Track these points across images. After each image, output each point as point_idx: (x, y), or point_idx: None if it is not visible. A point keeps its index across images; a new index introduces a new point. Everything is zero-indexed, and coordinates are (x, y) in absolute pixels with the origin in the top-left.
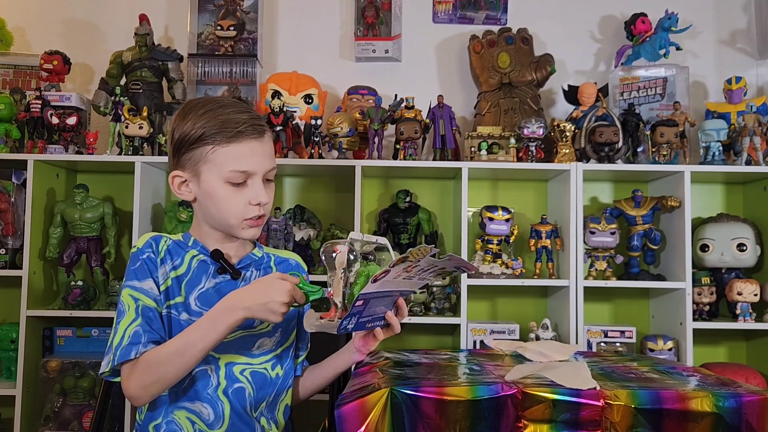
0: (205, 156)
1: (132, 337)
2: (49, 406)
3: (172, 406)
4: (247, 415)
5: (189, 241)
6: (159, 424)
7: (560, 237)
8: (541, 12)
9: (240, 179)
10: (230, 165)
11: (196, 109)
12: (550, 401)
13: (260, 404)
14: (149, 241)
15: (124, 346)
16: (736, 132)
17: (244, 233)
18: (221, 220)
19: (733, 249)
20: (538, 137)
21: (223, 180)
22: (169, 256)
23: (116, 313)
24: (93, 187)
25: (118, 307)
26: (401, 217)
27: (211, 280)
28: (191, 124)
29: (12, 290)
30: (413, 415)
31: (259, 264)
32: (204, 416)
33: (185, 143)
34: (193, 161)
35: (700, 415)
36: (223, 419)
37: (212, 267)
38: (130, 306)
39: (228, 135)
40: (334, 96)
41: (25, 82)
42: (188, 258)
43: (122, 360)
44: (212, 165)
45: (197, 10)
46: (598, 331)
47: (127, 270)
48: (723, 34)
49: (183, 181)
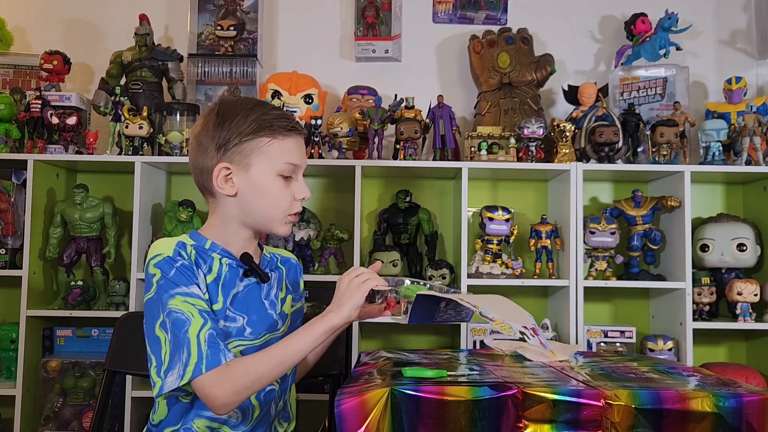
0: (260, 148)
1: (210, 343)
2: (49, 406)
3: (193, 413)
4: (270, 413)
5: (206, 244)
6: (176, 430)
7: (560, 237)
8: (541, 12)
9: (290, 172)
10: (285, 158)
11: (241, 105)
12: (550, 401)
13: (280, 401)
14: (176, 248)
15: (207, 354)
16: (736, 132)
17: (282, 228)
18: (266, 213)
19: (733, 249)
20: (538, 137)
21: (276, 172)
22: (202, 260)
23: (171, 325)
24: (93, 187)
25: (173, 318)
26: (401, 217)
27: (239, 283)
28: (243, 118)
29: (12, 290)
30: (413, 415)
31: (271, 264)
32: (231, 421)
33: (238, 135)
34: (245, 153)
35: (700, 415)
36: (250, 419)
37: (240, 271)
38: (191, 312)
39: (284, 129)
40: (334, 96)
41: (25, 82)
42: (216, 262)
43: (212, 367)
44: (265, 157)
45: (197, 10)
46: (598, 331)
47: (162, 279)
48: (723, 34)
49: (228, 174)
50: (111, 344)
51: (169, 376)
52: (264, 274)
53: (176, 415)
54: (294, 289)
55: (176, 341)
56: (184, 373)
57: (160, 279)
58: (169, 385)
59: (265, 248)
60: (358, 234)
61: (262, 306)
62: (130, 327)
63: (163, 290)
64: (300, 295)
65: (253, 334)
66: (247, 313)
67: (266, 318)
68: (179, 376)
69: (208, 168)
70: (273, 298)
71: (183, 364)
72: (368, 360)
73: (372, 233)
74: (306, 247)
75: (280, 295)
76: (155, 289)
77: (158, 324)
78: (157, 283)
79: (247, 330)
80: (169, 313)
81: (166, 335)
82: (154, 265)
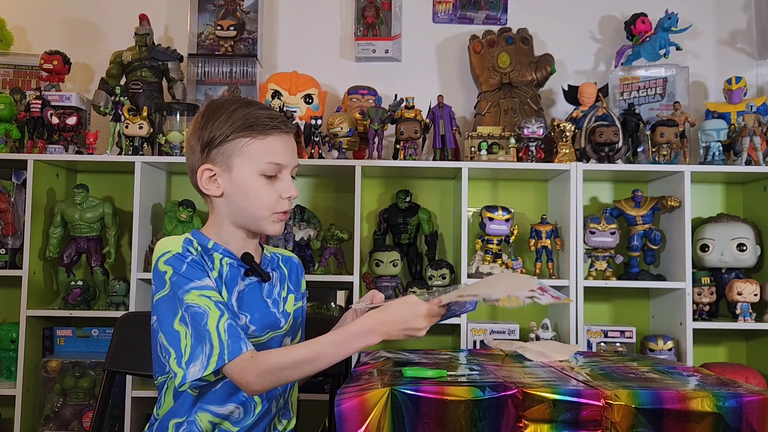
0: (240, 149)
1: (230, 333)
2: (49, 406)
3: (197, 407)
4: (272, 409)
5: (209, 243)
6: (180, 422)
7: (560, 237)
8: (541, 12)
9: (273, 172)
10: (265, 157)
11: (226, 105)
12: (550, 401)
13: (281, 398)
14: (184, 245)
15: (228, 344)
16: (736, 132)
17: (271, 227)
18: (252, 213)
19: (733, 249)
20: (538, 137)
21: (258, 172)
22: (206, 259)
23: (190, 319)
24: (93, 187)
25: (191, 312)
26: (401, 217)
27: (241, 282)
28: (225, 119)
29: (12, 290)
30: (413, 415)
31: (273, 264)
32: (233, 416)
33: (218, 137)
34: (226, 155)
35: (700, 415)
36: (251, 416)
37: (241, 270)
38: (208, 306)
39: (265, 128)
40: (334, 96)
41: (25, 82)
42: (218, 260)
43: (233, 357)
44: (246, 157)
45: (197, 10)
46: (598, 331)
47: (175, 275)
48: (723, 34)
49: (212, 176)
50: (111, 344)
51: (192, 366)
52: (265, 273)
53: (182, 407)
54: (296, 288)
55: (197, 334)
56: (207, 363)
57: (173, 276)
58: (192, 375)
59: (266, 248)
60: (358, 234)
61: (264, 304)
62: (130, 327)
63: (177, 286)
64: (302, 294)
65: (256, 332)
66: (249, 312)
67: (269, 316)
68: (203, 366)
69: (195, 169)
70: (276, 296)
71: (206, 356)
72: (368, 360)
73: (372, 233)
74: (306, 247)
75: (282, 294)
76: (169, 287)
77: (177, 319)
78: (170, 280)
79: (250, 328)
80: (187, 308)
81: (186, 329)
82: (164, 262)
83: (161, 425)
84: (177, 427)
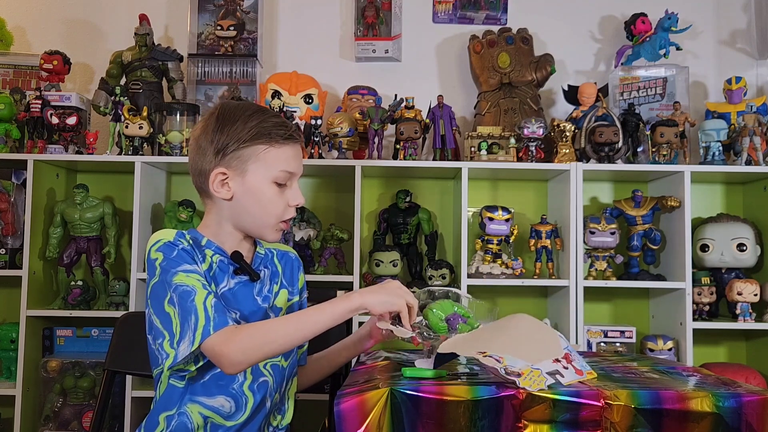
0: (258, 155)
1: (217, 308)
2: (49, 406)
3: (187, 399)
4: (266, 405)
5: (202, 240)
6: (171, 415)
7: (560, 237)
8: (541, 12)
9: (285, 180)
10: (280, 165)
11: (241, 110)
12: (550, 401)
13: (275, 394)
14: (176, 235)
15: (214, 317)
16: (736, 132)
17: (272, 235)
18: (259, 219)
19: (733, 249)
20: (538, 137)
21: (271, 179)
22: (198, 251)
23: (177, 298)
24: (93, 187)
25: (179, 291)
26: (401, 217)
27: (230, 280)
28: (242, 124)
29: (12, 290)
30: (413, 416)
31: (266, 261)
32: (224, 410)
33: (235, 142)
34: (242, 159)
35: (700, 415)
36: (243, 411)
37: (230, 268)
38: (194, 285)
39: (282, 137)
40: (334, 96)
41: (25, 82)
42: (209, 256)
43: (219, 328)
44: (262, 164)
45: (197, 10)
46: (598, 331)
47: (165, 260)
48: (723, 34)
49: (225, 179)
50: (111, 344)
51: (182, 345)
52: (254, 272)
53: (171, 400)
54: (290, 284)
55: (184, 312)
56: (194, 337)
57: (163, 261)
58: (182, 353)
59: (262, 243)
60: (358, 234)
61: (254, 302)
62: (130, 327)
63: (165, 271)
64: (298, 290)
65: None
66: (239, 309)
67: (258, 312)
68: (190, 342)
69: (205, 171)
70: (266, 293)
71: (192, 330)
72: (368, 360)
73: (372, 233)
74: (306, 247)
75: (274, 289)
76: (159, 272)
77: (166, 301)
78: (161, 265)
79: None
80: (175, 288)
81: (174, 309)
82: (156, 249)
83: (152, 418)
84: (168, 420)
